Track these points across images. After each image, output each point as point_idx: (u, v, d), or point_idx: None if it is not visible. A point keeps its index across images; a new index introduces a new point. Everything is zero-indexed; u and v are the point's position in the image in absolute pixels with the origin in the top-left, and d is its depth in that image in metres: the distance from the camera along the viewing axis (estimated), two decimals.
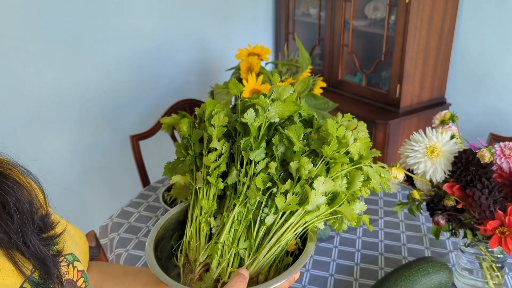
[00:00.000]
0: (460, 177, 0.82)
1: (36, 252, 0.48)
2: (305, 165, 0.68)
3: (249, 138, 0.72)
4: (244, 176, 0.72)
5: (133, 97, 2.27)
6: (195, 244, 0.71)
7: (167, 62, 2.32)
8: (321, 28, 2.43)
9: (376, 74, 2.29)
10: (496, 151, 0.85)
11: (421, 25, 1.96)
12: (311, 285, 1.02)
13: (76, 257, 0.56)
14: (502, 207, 0.78)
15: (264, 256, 0.68)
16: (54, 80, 2.01)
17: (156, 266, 0.66)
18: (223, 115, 0.76)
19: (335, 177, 0.70)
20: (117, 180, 2.36)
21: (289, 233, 0.68)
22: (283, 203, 0.68)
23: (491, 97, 2.09)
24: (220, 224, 0.71)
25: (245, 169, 0.72)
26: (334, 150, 0.70)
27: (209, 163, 0.74)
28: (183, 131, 0.79)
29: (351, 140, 0.72)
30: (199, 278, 0.68)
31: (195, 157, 0.79)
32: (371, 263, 1.09)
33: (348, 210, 0.71)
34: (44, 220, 0.51)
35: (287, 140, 0.72)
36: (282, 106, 0.74)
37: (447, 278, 0.96)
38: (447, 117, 1.01)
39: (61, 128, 2.10)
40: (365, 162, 0.73)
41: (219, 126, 0.75)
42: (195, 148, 0.79)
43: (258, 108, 0.73)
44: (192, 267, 0.70)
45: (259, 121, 0.73)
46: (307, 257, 0.67)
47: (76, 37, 2.00)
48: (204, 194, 0.74)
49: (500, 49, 2.00)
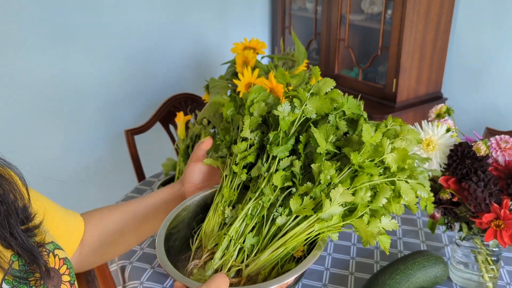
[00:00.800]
0: (456, 170, 0.82)
1: (23, 243, 0.48)
2: (326, 170, 0.63)
3: (278, 132, 0.69)
4: (265, 171, 0.69)
5: (129, 92, 2.26)
6: (208, 228, 0.70)
7: (162, 56, 2.30)
8: (318, 22, 2.43)
9: (373, 69, 2.28)
10: (492, 144, 0.84)
11: (417, 20, 1.95)
12: (307, 279, 1.02)
13: (56, 245, 0.56)
14: (497, 200, 0.78)
15: (267, 256, 0.65)
16: (48, 75, 1.99)
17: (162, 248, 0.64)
18: (263, 104, 0.73)
19: (358, 189, 0.63)
20: (112, 175, 2.36)
21: (298, 237, 0.64)
22: (298, 206, 0.64)
23: (488, 92, 2.09)
24: (234, 216, 0.70)
25: (269, 164, 0.70)
26: (364, 158, 0.63)
27: (238, 152, 0.72)
28: (226, 114, 0.77)
29: (388, 149, 0.64)
30: (203, 265, 0.67)
31: (231, 142, 0.77)
32: (366, 257, 1.09)
33: (363, 226, 0.63)
34: (25, 211, 0.51)
35: (313, 139, 0.66)
36: (321, 102, 0.69)
37: (442, 272, 0.96)
38: (443, 111, 1.00)
39: (56, 122, 2.09)
40: (401, 175, 0.65)
41: (255, 116, 0.72)
42: (233, 134, 0.77)
43: (295, 101, 0.69)
44: (202, 252, 0.69)
45: (293, 115, 0.69)
46: (306, 266, 0.62)
47: (71, 32, 1.98)
48: (228, 183, 0.72)
49: (497, 44, 2.00)
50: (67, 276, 0.55)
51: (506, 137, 0.84)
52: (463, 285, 0.98)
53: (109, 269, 1.07)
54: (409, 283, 0.91)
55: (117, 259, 1.13)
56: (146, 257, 1.11)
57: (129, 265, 1.09)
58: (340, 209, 0.62)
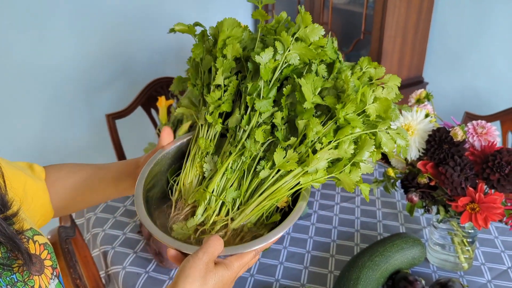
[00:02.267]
0: (434, 155, 0.83)
1: (4, 231, 0.48)
2: (314, 126, 0.61)
3: (258, 82, 0.65)
4: (246, 123, 0.66)
5: (109, 76, 2.23)
6: (186, 179, 0.68)
7: (143, 40, 2.27)
8: (301, 5, 2.41)
9: (356, 53, 2.29)
10: (469, 129, 0.86)
11: (400, 4, 1.96)
12: (288, 261, 1.04)
13: (35, 231, 0.56)
14: (473, 184, 0.80)
15: (252, 209, 0.64)
16: (25, 57, 1.95)
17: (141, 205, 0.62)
18: (238, 45, 0.67)
19: (342, 142, 0.62)
20: (93, 160, 2.33)
21: (282, 190, 0.63)
22: (282, 159, 0.62)
23: (467, 76, 2.12)
24: (213, 169, 0.67)
25: (248, 116, 0.66)
26: (350, 112, 0.61)
27: (212, 102, 0.68)
28: (195, 54, 0.71)
29: (370, 100, 0.62)
30: (184, 217, 0.66)
31: (203, 88, 0.72)
32: (347, 239, 1.11)
33: (347, 179, 0.63)
34: (2, 200, 0.50)
35: (300, 93, 0.63)
36: (306, 49, 0.65)
37: (420, 253, 0.98)
38: (422, 96, 1.02)
39: (34, 106, 2.05)
40: (382, 126, 0.64)
41: (228, 60, 0.67)
42: (204, 77, 0.71)
43: (277, 45, 0.64)
44: (183, 204, 0.67)
45: (275, 62, 0.64)
46: (297, 215, 0.63)
47: (49, 13, 1.94)
48: (204, 133, 0.69)
49: (477, 28, 2.02)
50: (48, 261, 0.55)
51: (483, 122, 0.86)
52: (440, 266, 1.00)
53: (91, 254, 1.07)
54: (388, 265, 0.93)
55: (99, 244, 1.13)
56: (128, 242, 1.12)
57: (111, 250, 1.09)
58: (324, 162, 0.62)
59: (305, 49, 0.65)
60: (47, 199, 0.73)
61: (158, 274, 1.02)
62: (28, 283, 0.50)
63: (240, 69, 0.71)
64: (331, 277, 0.99)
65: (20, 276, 0.49)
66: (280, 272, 1.01)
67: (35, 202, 0.69)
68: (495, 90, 2.03)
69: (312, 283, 0.98)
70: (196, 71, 0.74)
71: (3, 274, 0.48)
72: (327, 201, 1.26)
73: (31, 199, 0.68)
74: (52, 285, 0.54)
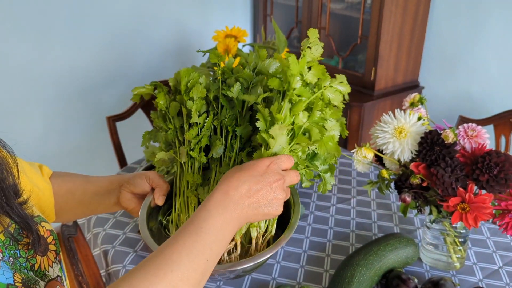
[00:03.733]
0: (426, 157, 0.86)
1: (19, 213, 0.51)
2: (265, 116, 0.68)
3: (234, 113, 0.72)
4: (230, 150, 0.73)
5: (110, 78, 2.25)
6: (185, 216, 0.73)
7: (143, 43, 2.30)
8: (299, 10, 2.45)
9: (352, 57, 2.32)
10: (460, 132, 0.89)
11: (396, 9, 1.99)
12: (285, 261, 1.06)
13: (42, 218, 0.60)
14: (463, 184, 0.82)
15: None
16: (26, 60, 1.97)
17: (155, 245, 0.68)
18: (201, 87, 0.75)
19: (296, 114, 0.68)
20: (94, 162, 2.36)
21: None
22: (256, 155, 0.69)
23: (462, 81, 2.15)
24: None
25: (230, 144, 0.73)
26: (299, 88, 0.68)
27: (191, 138, 0.74)
28: (160, 104, 0.78)
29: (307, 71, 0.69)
30: None
31: (176, 130, 0.78)
32: (342, 239, 1.14)
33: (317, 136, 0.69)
34: (15, 188, 0.54)
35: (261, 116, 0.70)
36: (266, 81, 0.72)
37: (413, 253, 1.01)
38: (416, 100, 1.05)
39: (35, 109, 2.07)
40: (323, 84, 0.71)
41: (198, 99, 0.74)
42: (174, 122, 0.78)
43: (243, 81, 0.72)
44: None
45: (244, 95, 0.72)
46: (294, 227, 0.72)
47: (49, 16, 1.96)
48: (189, 169, 0.75)
49: (472, 34, 2.06)
50: (53, 245, 0.59)
51: (473, 125, 0.89)
52: (433, 265, 1.03)
53: (92, 253, 1.09)
54: (382, 264, 0.96)
55: (100, 244, 1.16)
56: (128, 241, 1.14)
57: (112, 249, 1.12)
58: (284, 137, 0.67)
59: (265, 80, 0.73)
60: (52, 200, 0.76)
61: None
62: (30, 261, 0.53)
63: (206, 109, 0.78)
64: (326, 276, 1.02)
65: (24, 252, 0.52)
66: (277, 271, 1.03)
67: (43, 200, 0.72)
68: (489, 94, 2.07)
69: (308, 282, 1.00)
70: (163, 120, 0.80)
71: (9, 247, 0.51)
72: (323, 202, 1.29)
73: (42, 194, 0.71)
74: (55, 268, 0.58)
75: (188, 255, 0.52)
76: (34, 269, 0.53)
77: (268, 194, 0.59)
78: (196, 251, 0.52)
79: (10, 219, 0.51)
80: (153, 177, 0.78)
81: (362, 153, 0.94)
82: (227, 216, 0.56)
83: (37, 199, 0.69)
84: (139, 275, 0.49)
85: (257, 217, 0.60)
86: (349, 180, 1.41)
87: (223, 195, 0.57)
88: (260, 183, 0.59)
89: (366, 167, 1.00)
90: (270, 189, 0.60)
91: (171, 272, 0.49)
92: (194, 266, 0.51)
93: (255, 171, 0.60)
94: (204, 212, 0.56)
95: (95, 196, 0.79)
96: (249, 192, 0.58)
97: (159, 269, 0.49)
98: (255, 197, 0.58)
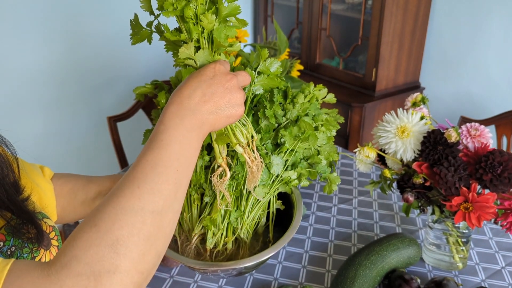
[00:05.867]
0: (428, 156, 0.86)
1: (22, 208, 0.52)
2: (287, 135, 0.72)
3: None
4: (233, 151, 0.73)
5: (111, 78, 2.25)
6: (187, 215, 0.74)
7: (145, 43, 2.29)
8: (300, 11, 2.45)
9: (353, 58, 2.32)
10: (463, 131, 0.89)
11: (396, 10, 1.99)
12: (287, 261, 1.06)
13: (44, 214, 0.60)
14: (466, 184, 0.82)
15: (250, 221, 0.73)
16: (27, 60, 1.97)
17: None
18: None
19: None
20: (95, 162, 2.35)
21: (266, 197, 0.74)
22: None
23: (463, 82, 2.15)
24: (211, 195, 0.74)
25: None
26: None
27: None
28: (161, 103, 0.78)
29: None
30: (195, 246, 0.73)
31: None
32: (344, 240, 1.13)
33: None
34: (16, 185, 0.54)
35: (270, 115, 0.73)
36: (268, 80, 0.74)
37: (415, 253, 1.01)
38: (418, 99, 1.05)
39: (36, 109, 2.07)
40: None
41: None
42: None
43: None
44: (188, 236, 0.74)
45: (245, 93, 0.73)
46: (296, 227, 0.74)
47: (51, 16, 1.96)
48: None
49: (473, 35, 2.06)
50: (55, 241, 0.59)
51: (476, 125, 0.89)
52: (435, 265, 1.03)
53: None
54: (384, 264, 0.96)
55: None
56: None
57: None
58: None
59: (267, 79, 0.74)
60: (54, 201, 0.75)
61: (158, 272, 1.04)
62: (33, 252, 0.53)
63: None
64: (328, 276, 1.02)
65: (31, 244, 0.53)
66: (279, 271, 1.03)
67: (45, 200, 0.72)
68: (490, 95, 2.07)
69: (310, 282, 1.00)
70: None
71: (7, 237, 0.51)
72: (325, 203, 1.28)
73: (44, 194, 0.70)
74: None
75: (154, 169, 0.49)
76: None
77: (224, 95, 0.57)
78: (162, 163, 0.50)
79: (12, 214, 0.51)
80: None
81: (365, 152, 0.94)
82: (187, 125, 0.53)
83: (38, 198, 0.69)
84: (107, 200, 0.47)
85: (220, 121, 0.57)
86: (351, 181, 1.40)
87: (177, 106, 0.54)
88: (212, 86, 0.57)
89: (368, 167, 1.00)
90: (225, 89, 0.57)
91: (137, 188, 0.47)
92: (163, 178, 0.49)
93: (204, 76, 0.57)
94: (161, 126, 0.53)
95: (97, 196, 0.79)
96: (204, 97, 0.55)
97: (125, 188, 0.47)
98: (212, 101, 0.56)
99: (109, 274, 0.41)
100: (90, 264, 0.41)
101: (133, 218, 0.45)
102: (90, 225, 0.44)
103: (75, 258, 0.41)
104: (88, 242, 0.42)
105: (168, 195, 0.49)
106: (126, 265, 0.43)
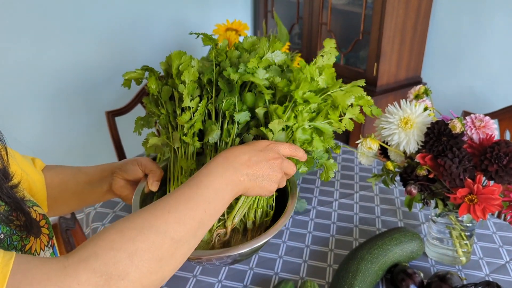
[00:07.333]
0: (432, 147, 0.84)
1: (10, 195, 0.51)
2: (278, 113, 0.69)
3: (232, 98, 0.71)
4: (227, 136, 0.71)
5: (109, 73, 2.23)
6: None
7: (143, 38, 2.28)
8: (300, 6, 2.43)
9: (354, 53, 2.30)
10: (467, 122, 0.87)
11: (398, 4, 1.97)
12: (288, 255, 1.04)
13: (34, 202, 0.59)
14: (471, 175, 0.80)
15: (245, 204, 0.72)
16: (26, 56, 1.95)
17: None
18: (193, 70, 0.73)
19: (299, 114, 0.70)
20: (93, 157, 2.34)
21: None
22: None
23: (465, 76, 2.13)
24: None
25: (226, 129, 0.72)
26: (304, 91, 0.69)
27: (184, 123, 0.72)
28: (152, 89, 0.77)
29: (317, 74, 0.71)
30: None
31: (169, 115, 0.77)
32: (346, 234, 1.12)
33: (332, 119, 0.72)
34: (4, 171, 0.53)
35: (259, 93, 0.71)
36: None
37: (418, 247, 0.99)
38: (421, 91, 1.03)
39: (34, 105, 2.05)
40: (334, 88, 0.72)
41: (190, 83, 0.72)
42: (167, 106, 0.76)
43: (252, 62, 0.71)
44: None
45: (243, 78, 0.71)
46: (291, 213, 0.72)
47: (49, 12, 1.94)
48: (182, 154, 0.73)
49: (474, 29, 2.04)
50: (45, 229, 0.58)
51: (481, 115, 0.87)
52: (438, 259, 1.01)
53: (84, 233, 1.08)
54: (386, 258, 0.94)
55: (90, 222, 1.14)
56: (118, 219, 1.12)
57: (101, 227, 1.10)
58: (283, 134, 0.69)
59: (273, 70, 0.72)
60: (44, 192, 0.74)
61: None
62: (23, 240, 0.52)
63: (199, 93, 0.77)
64: (330, 270, 1.00)
65: (19, 232, 0.52)
66: (280, 266, 1.01)
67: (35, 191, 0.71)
68: (492, 90, 2.05)
69: (311, 277, 0.98)
70: (156, 105, 0.79)
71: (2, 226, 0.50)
72: (326, 197, 1.27)
73: (34, 185, 0.69)
74: (47, 252, 0.57)
75: (187, 203, 0.53)
76: (24, 250, 0.52)
77: (266, 168, 0.61)
78: (194, 201, 0.53)
79: (0, 200, 0.49)
80: (145, 163, 0.78)
81: (367, 144, 0.92)
82: (227, 177, 0.58)
83: (28, 187, 0.68)
84: (139, 212, 0.51)
85: (253, 189, 0.61)
86: (352, 176, 1.39)
87: (224, 160, 0.59)
88: (259, 156, 0.61)
89: (370, 160, 0.98)
90: (268, 164, 0.62)
91: (167, 213, 0.51)
92: (191, 213, 0.52)
93: (256, 147, 0.63)
94: (205, 170, 0.58)
95: (87, 185, 0.79)
96: (249, 162, 0.60)
97: (158, 209, 0.51)
98: (253, 168, 0.60)
99: (118, 278, 0.44)
100: (107, 264, 0.44)
101: (154, 237, 0.48)
102: (116, 230, 0.48)
103: (95, 255, 0.44)
104: (111, 244, 0.46)
105: (190, 229, 0.52)
106: (134, 275, 0.45)
